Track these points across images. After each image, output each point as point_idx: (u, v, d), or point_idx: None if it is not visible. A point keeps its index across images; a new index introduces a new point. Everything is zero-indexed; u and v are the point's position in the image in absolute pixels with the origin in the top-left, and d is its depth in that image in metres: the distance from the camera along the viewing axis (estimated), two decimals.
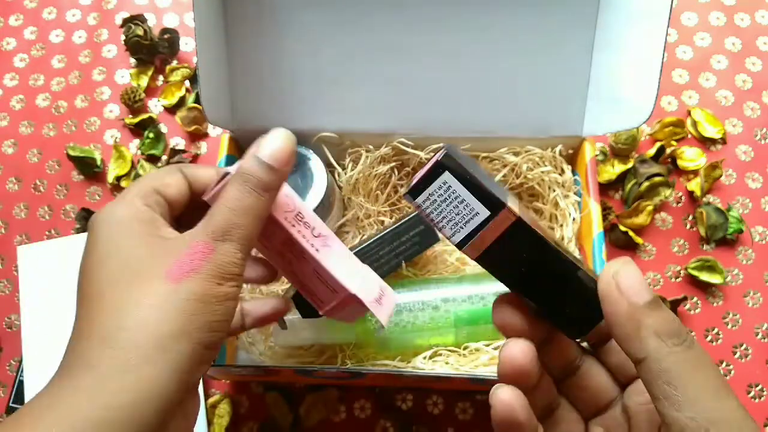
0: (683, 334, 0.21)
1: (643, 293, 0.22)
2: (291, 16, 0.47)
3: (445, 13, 0.47)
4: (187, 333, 0.24)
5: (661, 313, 0.22)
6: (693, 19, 0.64)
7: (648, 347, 0.21)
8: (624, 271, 0.23)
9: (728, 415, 0.21)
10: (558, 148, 0.51)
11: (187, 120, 0.60)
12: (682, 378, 0.21)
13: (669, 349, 0.21)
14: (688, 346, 0.21)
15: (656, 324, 0.21)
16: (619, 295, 0.22)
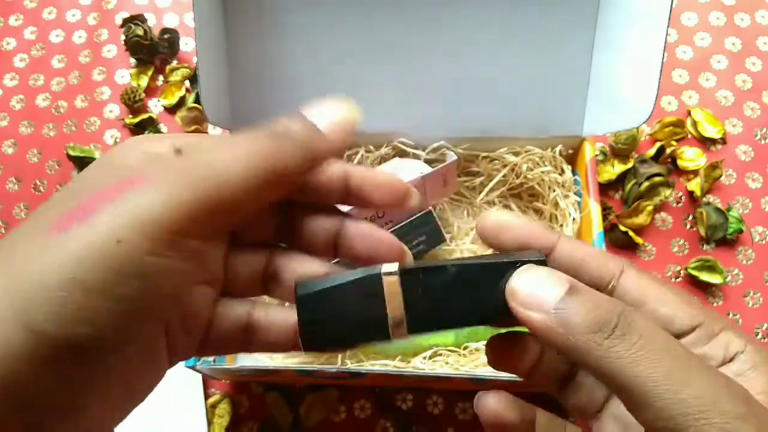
0: (611, 321, 0.18)
1: (550, 294, 0.19)
2: (291, 16, 0.47)
3: (445, 14, 0.47)
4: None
5: (579, 306, 0.18)
6: (693, 19, 0.64)
7: (581, 353, 0.18)
8: (518, 285, 0.20)
9: (691, 408, 0.16)
10: (558, 148, 0.51)
11: (187, 120, 0.60)
12: (627, 377, 0.17)
13: (600, 347, 0.18)
14: (621, 334, 0.18)
15: (576, 323, 0.18)
16: (526, 311, 0.19)
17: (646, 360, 0.17)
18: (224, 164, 0.19)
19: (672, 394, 0.16)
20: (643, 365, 0.17)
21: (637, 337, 0.17)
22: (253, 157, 0.19)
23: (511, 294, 0.20)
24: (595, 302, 0.18)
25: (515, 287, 0.20)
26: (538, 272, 0.20)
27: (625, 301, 0.20)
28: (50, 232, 0.17)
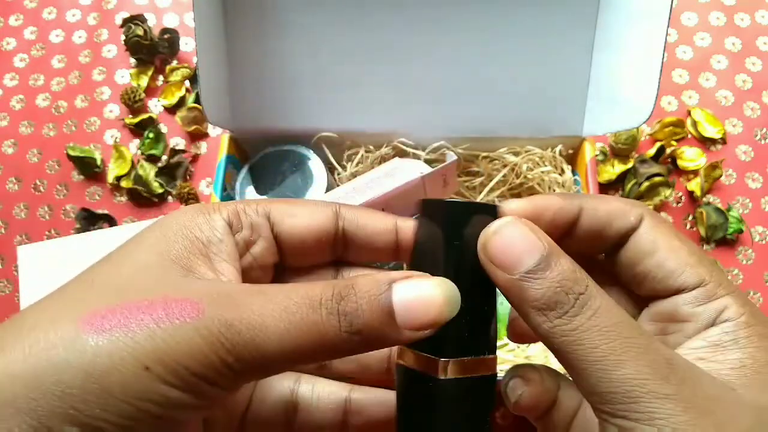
0: (568, 302, 0.18)
1: (521, 260, 0.18)
2: (291, 16, 0.47)
3: (445, 14, 0.47)
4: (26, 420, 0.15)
5: (544, 278, 0.18)
6: (693, 19, 0.64)
7: (532, 324, 0.18)
8: (496, 238, 0.19)
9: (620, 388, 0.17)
10: (558, 148, 0.51)
11: (187, 120, 0.60)
12: (569, 354, 0.18)
13: (551, 325, 0.18)
14: (572, 315, 0.18)
15: (534, 297, 0.18)
16: (494, 269, 0.19)
17: (588, 340, 0.17)
18: (268, 333, 0.17)
19: (604, 373, 0.17)
20: (584, 346, 0.17)
21: (586, 318, 0.18)
22: (302, 333, 0.17)
23: (483, 245, 0.19)
24: (560, 279, 0.18)
25: (489, 239, 0.19)
26: (517, 230, 0.19)
27: (635, 252, 0.21)
28: (81, 329, 0.16)
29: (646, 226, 0.21)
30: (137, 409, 0.16)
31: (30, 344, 0.16)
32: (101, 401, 0.16)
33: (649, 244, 0.21)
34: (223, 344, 0.16)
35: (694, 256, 0.20)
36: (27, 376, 0.15)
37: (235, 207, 0.21)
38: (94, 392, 0.16)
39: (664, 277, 0.20)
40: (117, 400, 0.16)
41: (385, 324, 0.18)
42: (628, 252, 0.21)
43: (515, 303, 0.19)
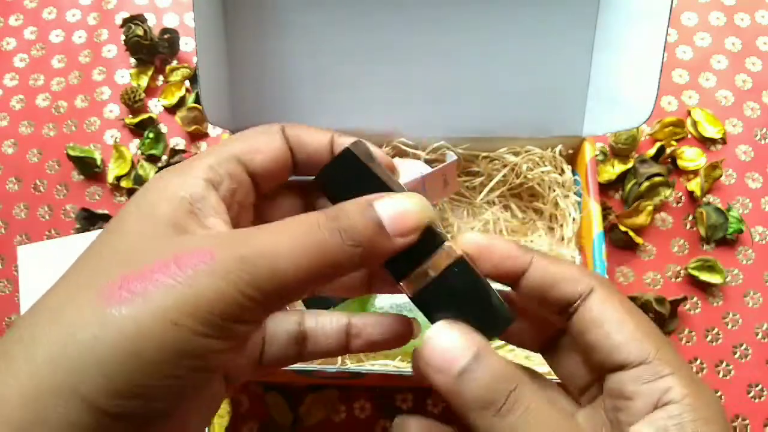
0: (500, 399, 0.19)
1: (455, 361, 0.20)
2: (291, 16, 0.47)
3: (445, 14, 0.47)
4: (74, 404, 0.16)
5: (475, 379, 0.19)
6: (693, 19, 0.64)
7: (471, 425, 0.19)
8: (426, 347, 0.20)
9: None
10: (558, 148, 0.51)
11: (187, 120, 0.60)
12: None
13: (488, 423, 0.19)
14: (505, 412, 0.19)
15: (470, 398, 0.19)
16: (430, 372, 0.20)
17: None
18: (281, 258, 0.18)
19: None
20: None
21: (517, 416, 0.19)
22: (311, 252, 0.18)
23: (418, 357, 0.21)
24: (492, 377, 0.19)
25: (423, 347, 0.20)
26: (448, 335, 0.20)
27: (583, 322, 0.21)
28: (102, 302, 0.17)
29: (595, 297, 0.21)
30: (175, 365, 0.17)
31: (58, 330, 0.16)
32: (139, 368, 0.16)
33: (597, 314, 0.21)
34: (242, 278, 0.17)
35: (640, 331, 0.20)
36: (64, 362, 0.16)
37: (208, 162, 0.21)
38: (129, 361, 0.16)
39: (609, 350, 0.20)
40: (153, 363, 0.16)
41: (378, 234, 0.19)
42: (577, 321, 0.22)
43: (457, 406, 0.20)
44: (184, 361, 0.17)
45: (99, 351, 0.16)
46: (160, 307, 0.16)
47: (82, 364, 0.16)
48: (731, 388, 0.52)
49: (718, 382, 0.52)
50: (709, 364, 0.52)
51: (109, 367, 0.16)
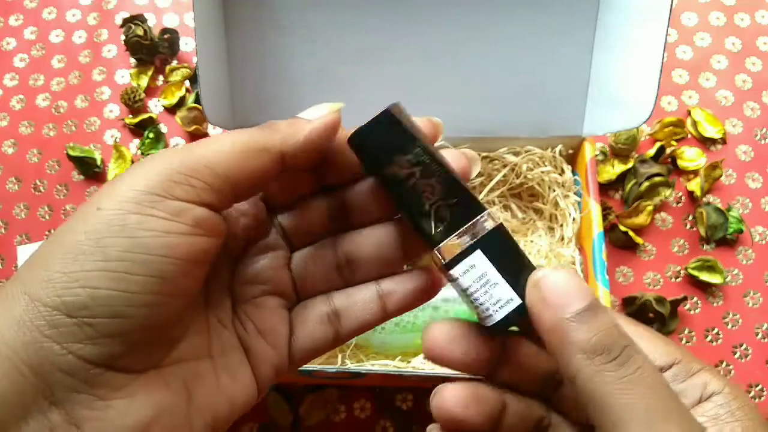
0: (615, 350, 0.19)
1: (572, 302, 0.19)
2: (291, 16, 0.47)
3: (445, 14, 0.47)
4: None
5: (592, 324, 0.19)
6: (693, 19, 0.64)
7: (574, 366, 0.19)
8: (549, 278, 0.20)
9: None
10: (558, 148, 0.51)
11: (187, 120, 0.60)
12: (608, 401, 0.18)
13: (596, 368, 0.18)
14: (619, 363, 0.18)
15: (583, 338, 0.19)
16: (543, 305, 0.20)
17: (633, 392, 0.18)
18: (208, 140, 0.20)
19: (647, 426, 0.18)
20: (629, 396, 0.18)
21: (632, 370, 0.18)
22: (236, 135, 0.20)
23: (534, 284, 0.20)
24: (608, 327, 0.19)
25: (542, 279, 0.20)
26: (570, 276, 0.20)
27: None
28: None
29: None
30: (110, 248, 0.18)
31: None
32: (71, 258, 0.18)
33: None
34: (164, 159, 0.19)
35: (661, 339, 0.22)
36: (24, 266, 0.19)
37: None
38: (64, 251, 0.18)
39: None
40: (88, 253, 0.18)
41: (297, 119, 0.22)
42: None
43: (557, 343, 0.19)
44: (117, 240, 0.18)
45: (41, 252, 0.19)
46: (93, 199, 0.19)
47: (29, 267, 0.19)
48: None
49: None
50: (709, 364, 0.52)
51: (47, 261, 0.18)
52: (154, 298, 0.18)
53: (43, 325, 0.17)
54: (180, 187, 0.19)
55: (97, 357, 0.18)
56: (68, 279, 0.17)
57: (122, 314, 0.18)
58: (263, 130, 0.21)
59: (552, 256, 0.52)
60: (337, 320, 0.24)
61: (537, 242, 0.52)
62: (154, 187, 0.19)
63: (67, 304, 0.17)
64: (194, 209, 0.19)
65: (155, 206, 0.18)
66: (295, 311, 0.24)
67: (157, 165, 0.19)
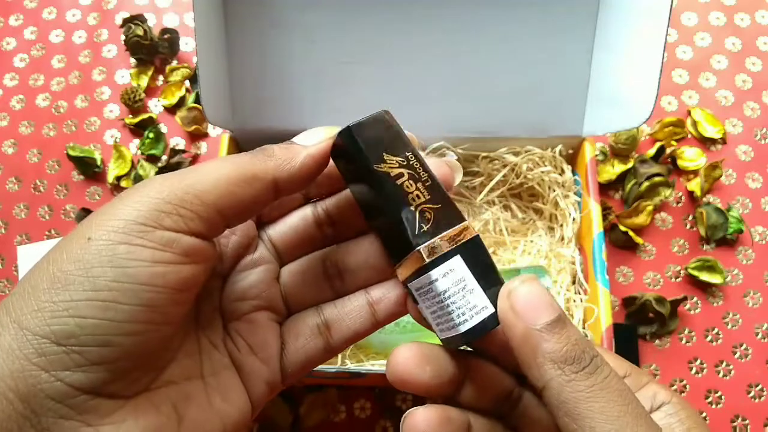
0: (584, 359, 0.19)
1: (542, 313, 0.20)
2: (290, 16, 0.47)
3: (445, 14, 0.47)
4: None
5: (562, 334, 0.20)
6: (693, 19, 0.64)
7: (545, 376, 0.19)
8: (520, 290, 0.20)
9: None
10: (558, 148, 0.51)
11: (187, 120, 0.60)
12: (581, 409, 0.19)
13: (567, 377, 0.19)
14: (589, 372, 0.19)
15: (553, 349, 0.19)
16: (514, 316, 0.20)
17: (604, 399, 0.19)
18: (198, 168, 0.20)
19: (620, 431, 0.18)
20: (601, 403, 0.19)
21: (601, 379, 0.19)
22: (227, 162, 0.20)
23: (506, 294, 0.21)
24: (576, 338, 0.20)
25: (514, 290, 0.20)
26: (540, 288, 0.20)
27: None
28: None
29: None
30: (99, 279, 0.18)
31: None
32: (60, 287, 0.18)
33: None
34: (153, 191, 0.19)
35: (611, 354, 0.23)
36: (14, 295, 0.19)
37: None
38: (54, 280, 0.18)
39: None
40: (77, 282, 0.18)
41: (291, 144, 0.22)
42: None
43: (528, 352, 0.20)
44: (105, 270, 0.18)
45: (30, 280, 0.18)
46: (82, 229, 0.19)
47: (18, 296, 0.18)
48: (731, 388, 0.52)
49: (718, 382, 0.52)
50: (709, 364, 0.52)
51: (35, 290, 0.18)
52: (141, 326, 0.18)
53: (31, 353, 0.17)
54: (169, 217, 0.19)
55: (85, 384, 0.18)
56: (57, 308, 0.18)
57: (110, 342, 0.18)
58: (256, 156, 0.21)
59: (552, 256, 0.52)
60: (328, 331, 0.24)
61: (537, 242, 0.52)
62: (143, 217, 0.19)
63: (56, 333, 0.17)
64: (183, 239, 0.19)
65: (144, 236, 0.18)
66: (285, 325, 0.24)
67: (146, 194, 0.19)
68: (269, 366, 0.23)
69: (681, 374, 0.52)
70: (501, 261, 0.53)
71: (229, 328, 0.23)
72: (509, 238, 0.53)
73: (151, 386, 0.20)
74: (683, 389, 0.52)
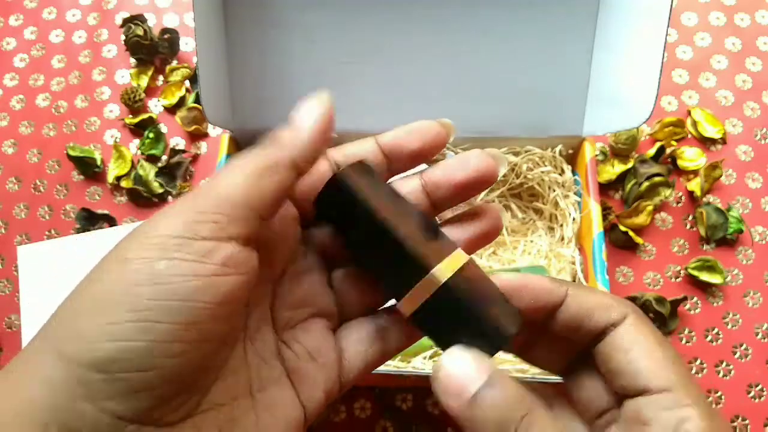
0: (512, 424, 0.19)
1: (469, 385, 0.20)
2: (290, 16, 0.47)
3: (445, 14, 0.47)
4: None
5: (492, 401, 0.20)
6: (693, 19, 0.64)
7: None
8: (444, 368, 0.21)
9: None
10: (558, 148, 0.51)
11: (187, 120, 0.60)
12: None
13: None
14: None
15: (486, 420, 0.19)
16: (446, 397, 0.20)
17: None
18: (218, 177, 0.20)
19: None
20: None
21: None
22: (244, 162, 0.20)
23: (434, 377, 0.21)
24: (506, 401, 0.20)
25: (437, 373, 0.21)
26: (464, 357, 0.20)
27: (613, 347, 0.22)
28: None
29: (627, 324, 0.22)
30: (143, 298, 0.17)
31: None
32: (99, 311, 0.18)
33: (626, 342, 0.21)
34: (188, 203, 0.19)
35: (667, 360, 0.21)
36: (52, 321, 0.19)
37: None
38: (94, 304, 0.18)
39: (634, 375, 0.21)
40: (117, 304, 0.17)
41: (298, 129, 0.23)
42: (605, 346, 0.22)
43: (468, 428, 0.20)
44: (143, 289, 0.17)
45: (67, 306, 0.18)
46: (119, 249, 0.19)
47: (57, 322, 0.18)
48: (731, 388, 0.52)
49: (718, 382, 0.52)
50: (709, 364, 0.52)
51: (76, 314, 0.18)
52: (184, 346, 0.18)
53: (73, 383, 0.17)
54: (204, 225, 0.19)
55: (129, 412, 0.17)
56: (97, 333, 0.17)
57: (153, 366, 0.17)
58: (267, 147, 0.21)
59: (552, 256, 0.52)
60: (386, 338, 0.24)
61: (537, 242, 0.52)
62: (180, 230, 0.18)
63: (97, 360, 0.17)
64: (222, 247, 0.19)
65: (182, 249, 0.18)
66: (341, 331, 0.24)
67: (178, 209, 0.19)
68: (328, 373, 0.23)
69: None
70: (501, 261, 0.53)
71: (284, 336, 0.23)
72: (509, 238, 0.53)
73: (196, 411, 0.19)
74: None
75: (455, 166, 0.25)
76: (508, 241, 0.52)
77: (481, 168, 0.24)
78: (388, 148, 0.25)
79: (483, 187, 0.24)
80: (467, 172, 0.24)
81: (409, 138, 0.26)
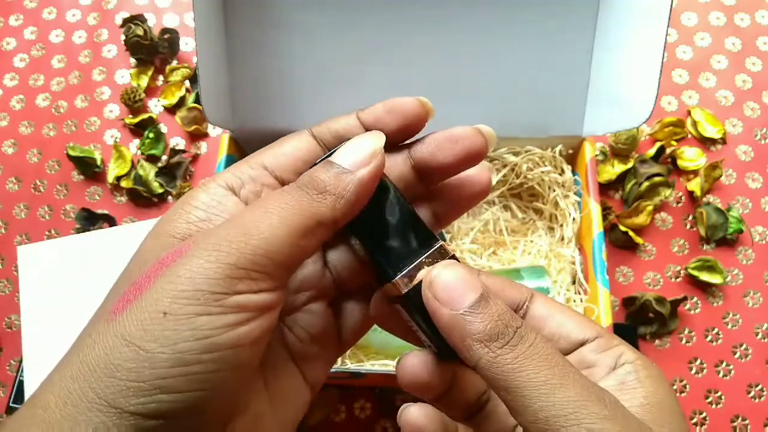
0: (508, 333, 0.20)
1: (464, 296, 0.20)
2: (291, 16, 0.47)
3: (445, 14, 0.47)
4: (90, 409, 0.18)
5: (485, 314, 0.20)
6: (693, 19, 0.64)
7: (474, 356, 0.20)
8: (440, 277, 0.21)
9: (563, 409, 0.18)
10: (558, 148, 0.51)
11: (187, 120, 0.60)
12: (510, 382, 0.19)
13: (494, 354, 0.20)
14: (513, 345, 0.20)
15: (478, 330, 0.20)
16: (438, 304, 0.21)
17: (529, 367, 0.19)
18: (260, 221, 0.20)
19: (547, 396, 0.19)
20: (527, 371, 0.19)
21: (526, 348, 0.20)
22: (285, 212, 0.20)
23: (428, 284, 0.21)
24: (499, 314, 0.20)
25: (434, 278, 0.21)
26: (459, 271, 0.21)
27: (535, 320, 0.24)
28: (108, 318, 0.19)
29: (538, 299, 0.24)
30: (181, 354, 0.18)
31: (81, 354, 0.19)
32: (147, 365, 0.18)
33: (544, 311, 0.24)
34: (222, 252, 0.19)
35: (584, 318, 0.24)
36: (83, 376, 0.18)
37: (231, 171, 0.22)
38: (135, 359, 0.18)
39: (566, 334, 0.23)
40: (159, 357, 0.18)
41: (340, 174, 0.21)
42: (532, 320, 0.24)
43: (456, 337, 0.20)
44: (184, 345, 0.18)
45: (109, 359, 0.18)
46: (152, 304, 0.18)
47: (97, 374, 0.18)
48: (731, 388, 0.52)
49: (718, 382, 0.52)
50: (709, 364, 0.52)
51: (118, 369, 0.18)
52: (232, 385, 0.19)
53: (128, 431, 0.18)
54: (242, 282, 0.19)
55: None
56: (149, 387, 0.18)
57: (204, 410, 0.18)
58: (310, 195, 0.21)
59: (552, 256, 0.52)
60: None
61: (537, 242, 0.52)
62: (217, 285, 0.18)
63: (152, 410, 0.18)
64: (256, 298, 0.19)
65: (220, 304, 0.18)
66: (338, 306, 0.25)
67: (214, 258, 0.19)
68: (329, 351, 0.24)
69: (681, 374, 0.52)
70: (501, 261, 0.53)
71: (286, 321, 0.24)
72: (509, 238, 0.53)
73: (230, 421, 0.20)
74: (683, 389, 0.52)
75: (444, 144, 0.26)
76: (508, 241, 0.52)
77: (470, 144, 0.24)
78: (369, 126, 0.25)
79: (473, 162, 0.26)
80: (455, 151, 0.26)
81: (390, 117, 0.26)
